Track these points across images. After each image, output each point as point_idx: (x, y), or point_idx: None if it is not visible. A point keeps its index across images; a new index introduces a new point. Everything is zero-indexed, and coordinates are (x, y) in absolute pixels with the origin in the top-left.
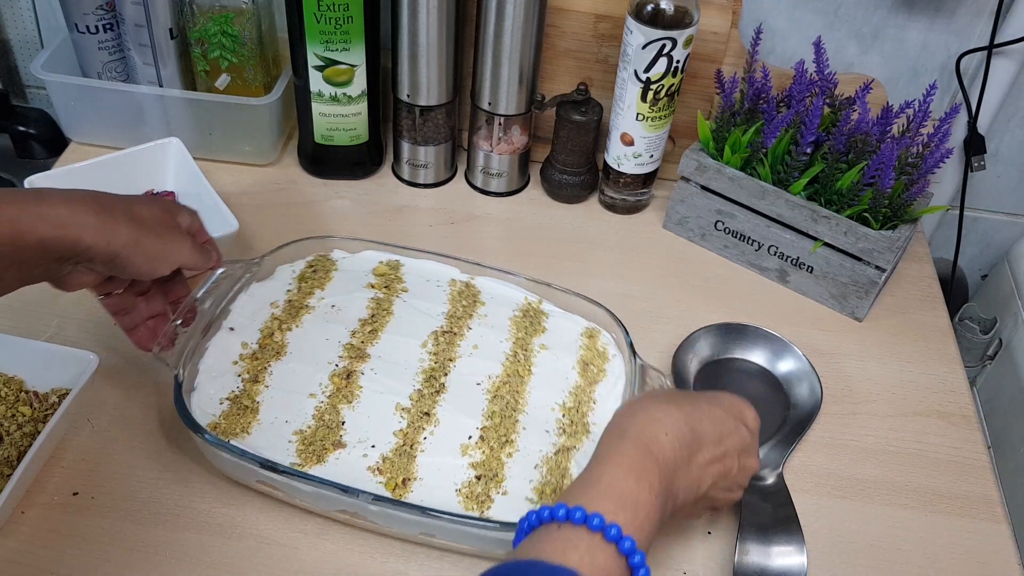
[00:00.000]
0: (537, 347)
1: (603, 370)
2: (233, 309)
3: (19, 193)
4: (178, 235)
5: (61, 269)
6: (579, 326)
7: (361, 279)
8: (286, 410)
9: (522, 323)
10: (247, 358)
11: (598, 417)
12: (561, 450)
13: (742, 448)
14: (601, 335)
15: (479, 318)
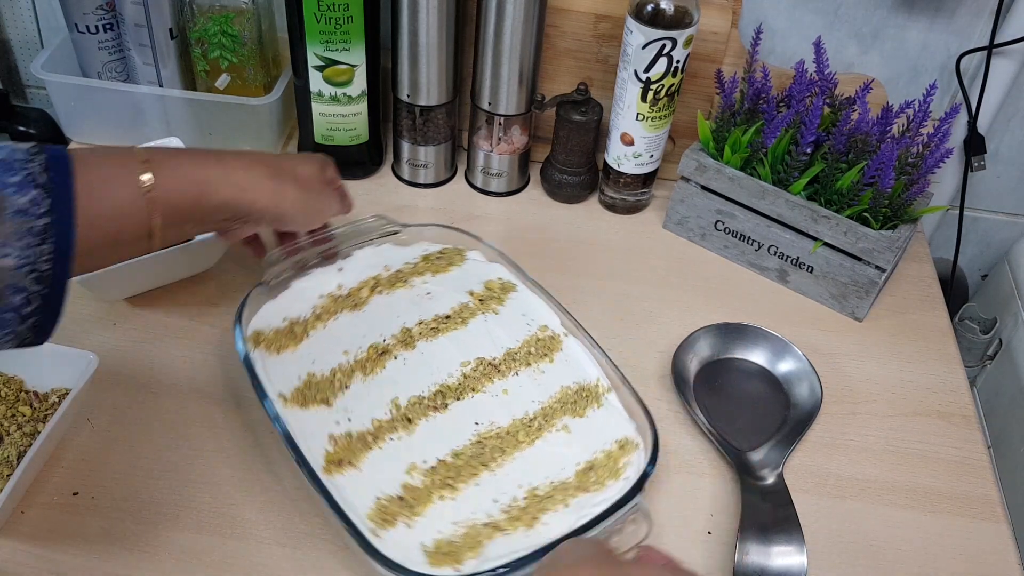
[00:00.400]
0: (560, 425)
1: (602, 484)
2: (355, 255)
3: (200, 156)
4: (330, 191)
5: (232, 224)
6: (618, 432)
7: (469, 284)
8: (320, 353)
9: (570, 398)
10: (330, 297)
11: (552, 519)
12: (490, 525)
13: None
14: (632, 454)
15: (535, 371)
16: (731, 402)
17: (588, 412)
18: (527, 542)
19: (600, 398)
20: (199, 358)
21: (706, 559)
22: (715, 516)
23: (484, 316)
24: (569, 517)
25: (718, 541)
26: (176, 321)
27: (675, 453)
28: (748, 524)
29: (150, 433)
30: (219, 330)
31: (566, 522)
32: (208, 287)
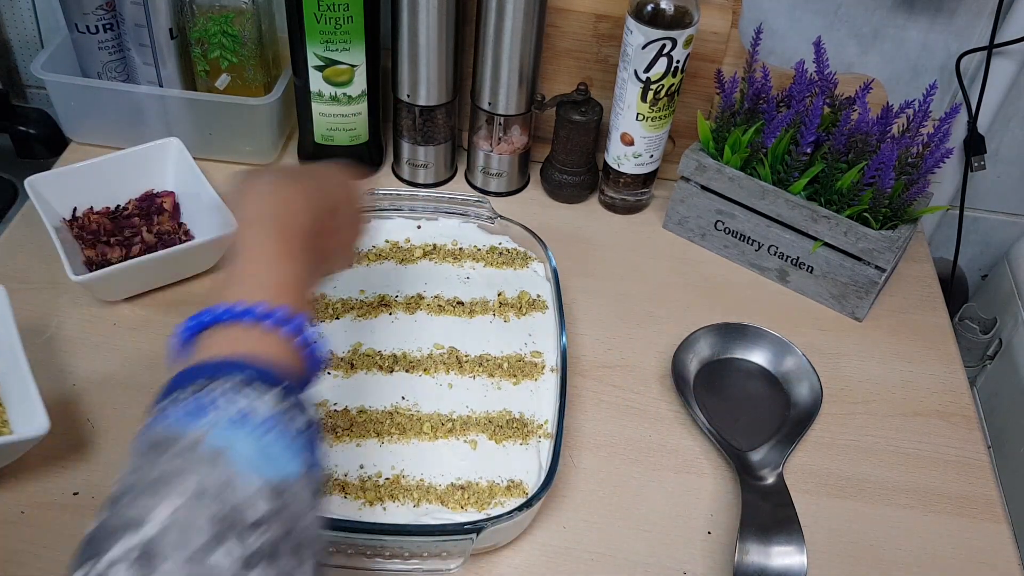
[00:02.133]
0: (470, 439)
1: (462, 508)
2: (440, 221)
3: None
4: None
5: None
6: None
7: (506, 286)
8: (344, 283)
9: (503, 423)
10: (392, 244)
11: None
12: (337, 484)
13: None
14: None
15: (493, 384)
16: (731, 402)
17: (507, 443)
18: (355, 514)
19: (529, 437)
20: None
21: (706, 559)
22: (715, 516)
23: (492, 318)
24: (409, 515)
25: (718, 541)
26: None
27: (675, 453)
28: (748, 524)
29: None
30: None
31: (403, 517)
32: (208, 287)
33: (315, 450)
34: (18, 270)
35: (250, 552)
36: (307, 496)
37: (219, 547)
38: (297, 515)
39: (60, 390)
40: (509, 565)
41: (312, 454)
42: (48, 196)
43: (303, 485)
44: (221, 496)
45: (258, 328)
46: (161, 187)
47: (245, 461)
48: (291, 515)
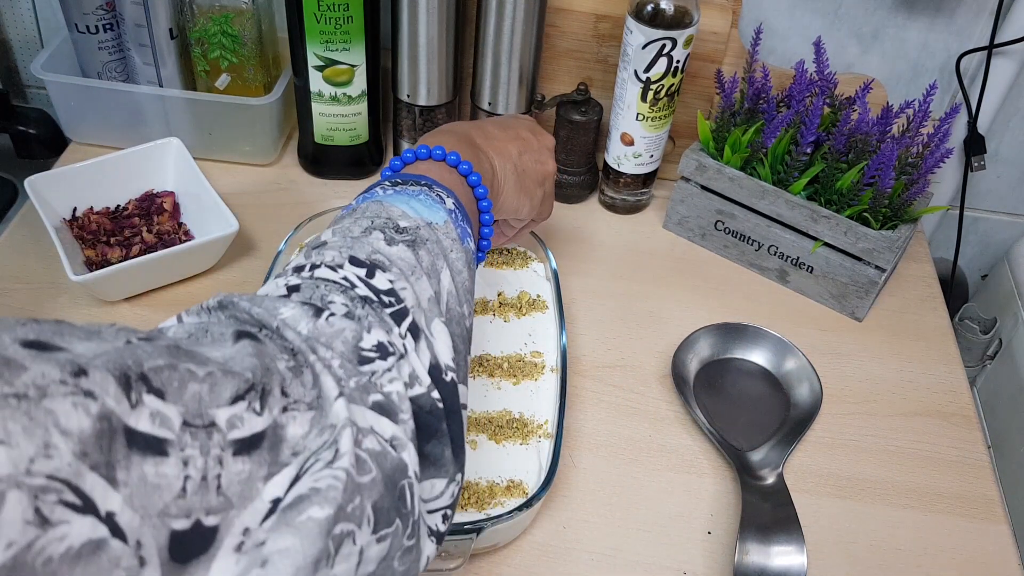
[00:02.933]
0: (470, 439)
1: (461, 508)
2: None
3: None
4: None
5: None
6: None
7: (506, 286)
8: None
9: (503, 423)
10: None
11: None
12: None
13: (529, 127)
14: (511, 499)
15: (493, 384)
16: (731, 402)
17: (507, 442)
18: None
19: (529, 437)
20: None
21: (706, 559)
22: (715, 516)
23: (492, 317)
24: None
25: (718, 541)
26: None
27: (675, 453)
28: (748, 524)
29: None
30: None
31: None
32: (208, 287)
33: (458, 222)
34: (18, 270)
35: (393, 238)
36: (448, 240)
37: (370, 235)
38: (439, 243)
39: None
40: (509, 565)
41: (454, 219)
42: (48, 196)
43: (445, 232)
44: (377, 215)
45: (433, 162)
46: (161, 187)
47: (397, 203)
48: (432, 239)
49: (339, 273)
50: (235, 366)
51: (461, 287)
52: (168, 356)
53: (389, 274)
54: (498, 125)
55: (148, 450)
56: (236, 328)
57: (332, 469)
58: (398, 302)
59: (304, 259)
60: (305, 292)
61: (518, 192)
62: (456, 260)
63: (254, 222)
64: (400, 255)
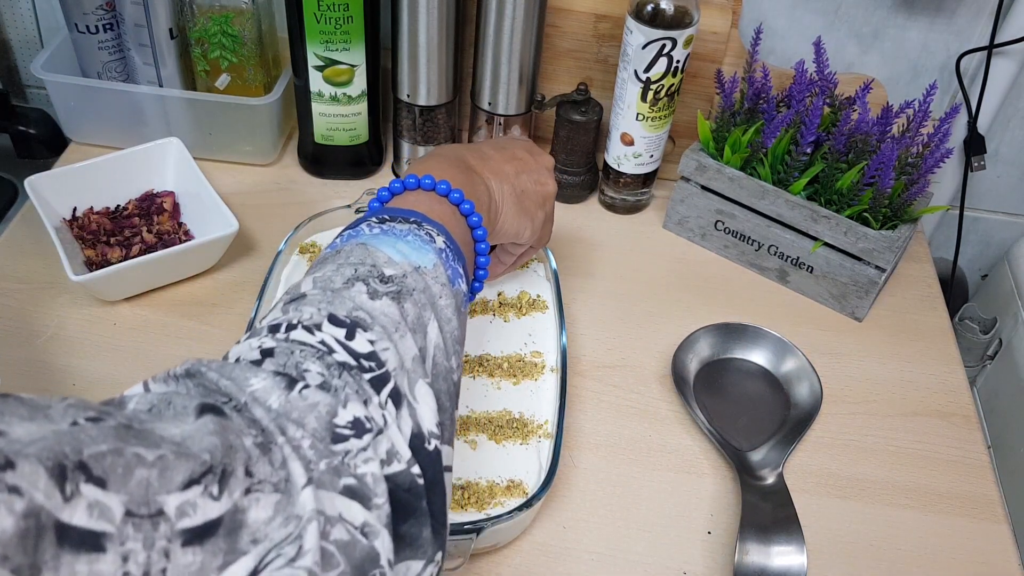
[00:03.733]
0: (471, 439)
1: (462, 508)
2: None
3: None
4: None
5: None
6: (517, 473)
7: (506, 286)
8: None
9: (504, 423)
10: None
11: None
12: None
13: (526, 148)
14: (511, 498)
15: (493, 383)
16: (731, 402)
17: (507, 442)
18: None
19: (529, 437)
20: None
21: (706, 559)
22: (715, 516)
23: (492, 317)
24: None
25: (718, 541)
26: (176, 321)
27: (675, 453)
28: (748, 524)
29: None
30: (219, 330)
31: None
32: (208, 287)
33: (448, 262)
34: (18, 270)
35: (377, 290)
36: (437, 286)
37: (352, 288)
38: (426, 291)
39: (60, 390)
40: (509, 565)
41: (443, 261)
42: (48, 196)
43: (434, 276)
44: (361, 262)
45: (422, 192)
46: (161, 187)
47: (384, 247)
48: (420, 287)
49: (316, 336)
50: (193, 446)
51: (449, 337)
52: (115, 439)
53: (371, 333)
54: (493, 146)
55: (82, 546)
56: (201, 401)
57: (294, 569)
58: (379, 366)
59: (281, 314)
60: (279, 358)
61: (518, 214)
62: (445, 307)
63: (254, 222)
64: (384, 310)
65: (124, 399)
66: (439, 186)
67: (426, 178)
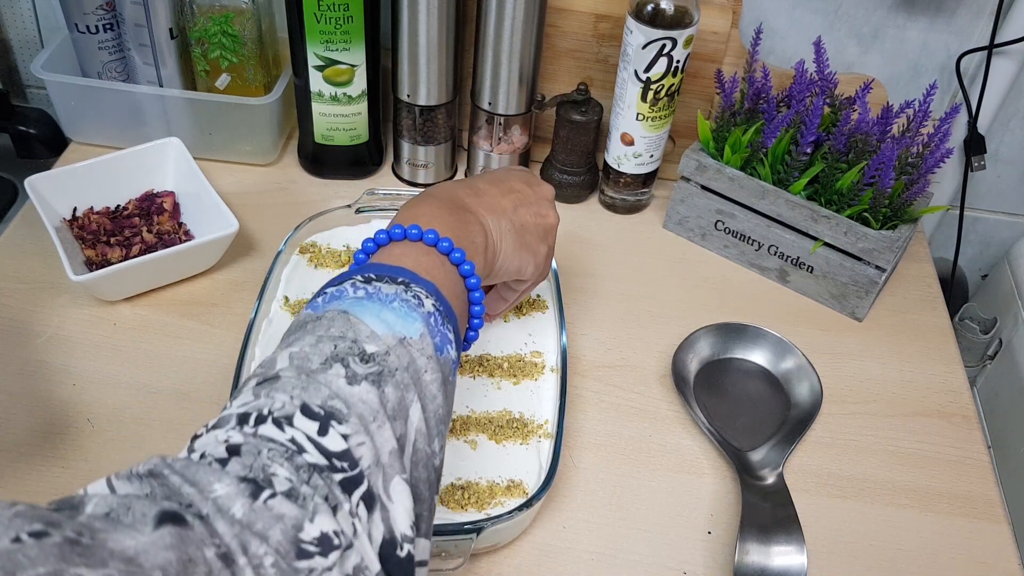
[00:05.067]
0: (471, 438)
1: (463, 508)
2: None
3: None
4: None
5: None
6: (518, 472)
7: None
8: None
9: (504, 423)
10: None
11: None
12: None
13: (523, 179)
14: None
15: (493, 383)
16: (731, 402)
17: (507, 443)
18: None
19: (529, 437)
20: (199, 358)
21: (706, 559)
22: (715, 516)
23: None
24: None
25: (718, 541)
26: (176, 321)
27: (675, 453)
28: (748, 524)
29: (150, 433)
30: (219, 329)
31: None
32: (208, 287)
33: (437, 327)
34: (18, 270)
35: (356, 373)
36: (423, 359)
37: (329, 370)
38: (410, 367)
39: (60, 390)
40: (509, 565)
41: (431, 328)
42: (48, 196)
43: (420, 347)
44: (342, 335)
45: (409, 243)
46: (161, 187)
47: (368, 316)
48: (403, 364)
49: (286, 432)
50: (146, 561)
51: (433, 417)
52: (57, 560)
53: (346, 426)
54: (489, 180)
55: None
56: (161, 508)
57: None
58: (352, 466)
59: (252, 398)
60: (246, 458)
61: (519, 250)
62: (430, 383)
63: (254, 222)
64: (362, 397)
65: (84, 499)
66: (426, 236)
67: (412, 228)
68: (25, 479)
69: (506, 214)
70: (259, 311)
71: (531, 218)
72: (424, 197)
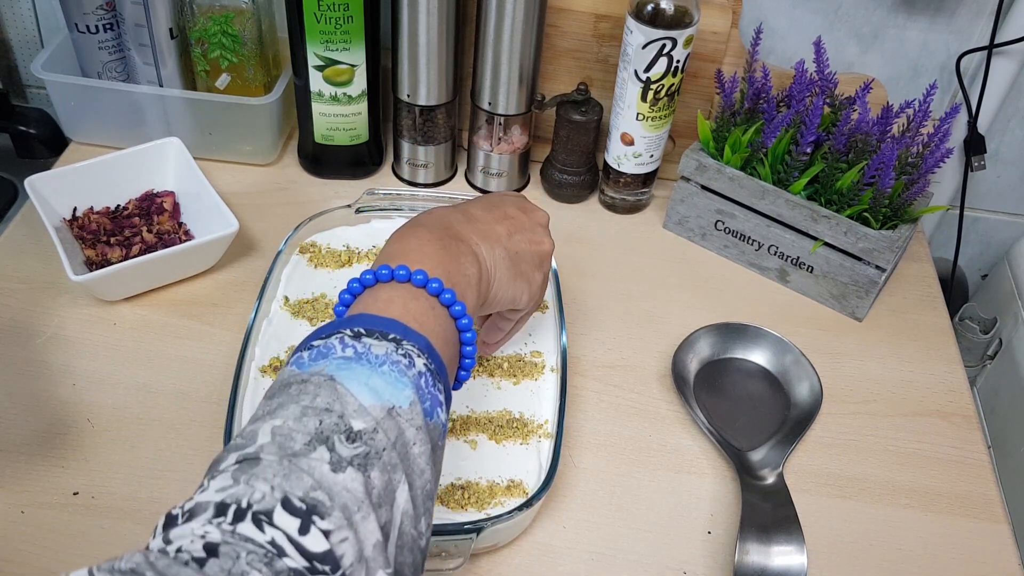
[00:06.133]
0: (471, 438)
1: (463, 508)
2: None
3: None
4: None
5: None
6: (519, 473)
7: None
8: (338, 282)
9: (503, 423)
10: None
11: None
12: None
13: (518, 205)
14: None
15: (493, 383)
16: (731, 402)
17: (507, 442)
18: None
19: (529, 437)
20: (199, 358)
21: (706, 559)
22: (715, 516)
23: None
24: None
25: (718, 541)
26: (176, 321)
27: (675, 453)
28: (748, 524)
29: (150, 433)
30: (219, 329)
31: None
32: (208, 287)
33: (428, 389)
34: (18, 270)
35: (341, 458)
36: (412, 430)
37: (313, 453)
38: (399, 441)
39: (60, 390)
40: (509, 565)
41: (421, 393)
42: (48, 196)
43: (410, 417)
44: (328, 408)
45: (400, 286)
46: (161, 187)
47: (355, 384)
48: (391, 439)
49: (266, 533)
50: None
51: (421, 494)
52: None
53: (328, 521)
54: (482, 206)
55: None
56: None
57: None
58: (334, 569)
59: (231, 482)
60: (224, 561)
61: (513, 278)
62: (419, 456)
63: (254, 222)
64: (346, 486)
65: None
66: (415, 277)
67: (400, 268)
68: (25, 479)
69: (500, 241)
70: (259, 311)
71: (526, 245)
72: (414, 227)
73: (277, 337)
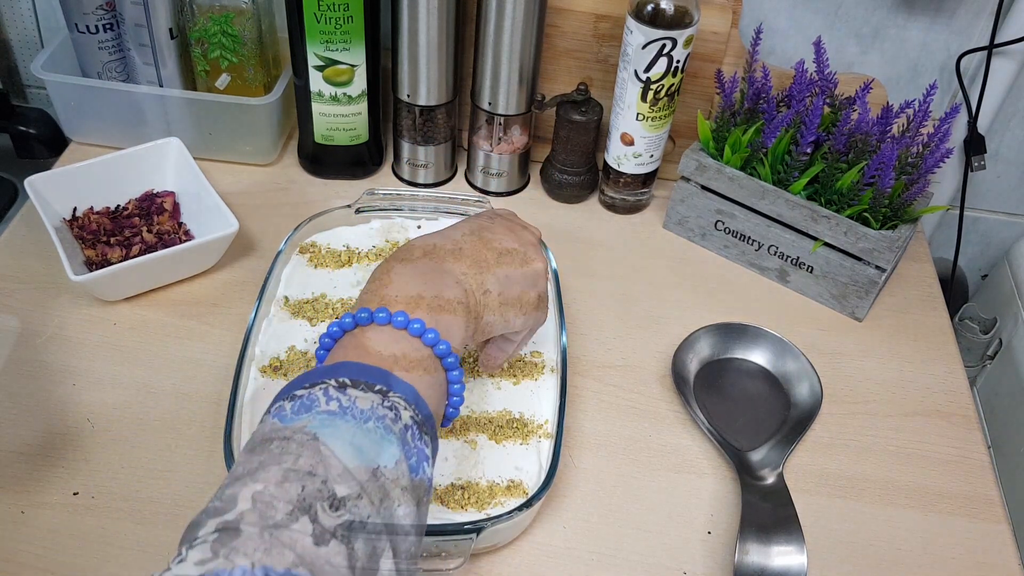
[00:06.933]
0: (471, 438)
1: (463, 508)
2: (440, 220)
3: None
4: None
5: None
6: (519, 473)
7: None
8: (344, 283)
9: (503, 423)
10: (394, 244)
11: None
12: None
13: (506, 227)
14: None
15: (493, 383)
16: (731, 402)
17: (507, 442)
18: None
19: (529, 437)
20: (199, 358)
21: (706, 559)
22: (715, 516)
23: None
24: None
25: (718, 541)
26: (176, 321)
27: (675, 453)
28: (748, 524)
29: (150, 433)
30: (219, 329)
31: None
32: (208, 287)
33: (414, 443)
34: (18, 270)
35: (324, 529)
36: (397, 491)
37: (295, 524)
38: (383, 504)
39: (60, 390)
40: (509, 565)
41: (407, 449)
42: (48, 196)
43: (395, 477)
44: (311, 472)
45: (381, 329)
46: (161, 187)
47: (339, 444)
48: (375, 504)
49: None
50: None
51: (405, 560)
52: None
53: None
54: (470, 229)
55: None
56: None
57: None
58: None
59: (210, 554)
60: None
61: (504, 304)
62: (403, 518)
63: (254, 222)
64: (329, 560)
65: None
66: (395, 319)
67: (380, 311)
68: (25, 479)
69: (489, 266)
70: (259, 311)
71: (517, 267)
72: (396, 263)
73: (277, 337)
